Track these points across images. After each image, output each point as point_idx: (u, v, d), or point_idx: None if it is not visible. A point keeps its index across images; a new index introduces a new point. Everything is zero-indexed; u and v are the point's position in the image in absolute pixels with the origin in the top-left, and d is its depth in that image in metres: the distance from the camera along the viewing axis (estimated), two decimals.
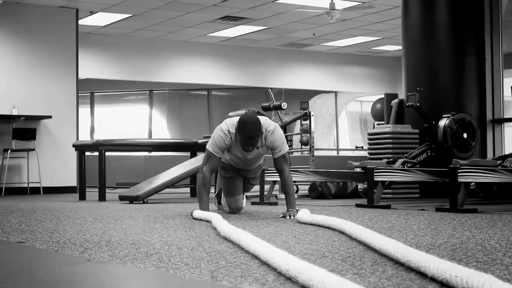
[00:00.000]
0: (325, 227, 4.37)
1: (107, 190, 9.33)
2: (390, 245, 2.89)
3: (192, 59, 16.29)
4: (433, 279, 2.35)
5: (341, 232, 3.98)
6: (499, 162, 6.97)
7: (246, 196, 6.69)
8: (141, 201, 8.05)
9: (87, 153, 9.75)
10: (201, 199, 5.56)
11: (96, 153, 9.31)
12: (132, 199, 8.13)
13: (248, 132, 5.26)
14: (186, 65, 16.23)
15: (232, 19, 13.90)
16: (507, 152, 8.30)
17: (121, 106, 18.54)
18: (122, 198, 8.40)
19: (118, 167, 14.13)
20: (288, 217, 5.28)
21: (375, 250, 3.12)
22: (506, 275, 2.48)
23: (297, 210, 5.31)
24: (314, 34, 15.66)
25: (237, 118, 5.42)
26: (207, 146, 5.56)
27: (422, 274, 2.46)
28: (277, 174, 5.63)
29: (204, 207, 5.50)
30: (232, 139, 5.48)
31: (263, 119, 5.46)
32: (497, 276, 2.41)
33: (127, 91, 17.89)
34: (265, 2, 12.49)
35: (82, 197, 9.36)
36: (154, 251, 3.24)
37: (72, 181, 12.10)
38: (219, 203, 6.55)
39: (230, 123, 5.49)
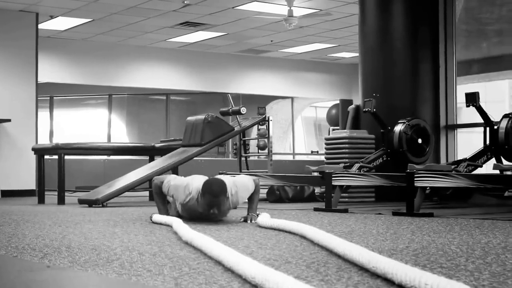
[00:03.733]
0: (286, 231, 4.36)
1: (66, 194, 9.30)
2: (355, 251, 2.86)
3: (152, 64, 16.31)
4: (400, 286, 2.32)
5: (302, 237, 3.97)
6: (453, 166, 7.13)
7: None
8: (101, 205, 8.04)
9: (46, 157, 9.72)
10: (158, 205, 5.58)
11: (56, 157, 9.27)
12: (91, 203, 8.12)
13: (214, 190, 5.04)
14: (145, 70, 16.24)
15: (192, 25, 13.97)
16: (459, 157, 8.49)
17: (81, 110, 18.48)
18: (81, 201, 8.38)
19: (77, 171, 14.10)
20: (248, 221, 5.30)
21: (338, 255, 3.11)
22: (472, 281, 2.48)
23: (257, 215, 5.32)
24: (272, 41, 15.80)
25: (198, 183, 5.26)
26: (165, 183, 5.41)
27: (388, 281, 2.43)
28: None
29: (163, 211, 5.54)
30: (192, 199, 5.29)
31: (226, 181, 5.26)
32: (464, 283, 2.41)
33: (87, 96, 17.85)
34: (224, 8, 12.60)
35: (41, 200, 9.31)
36: (115, 257, 3.19)
37: (31, 185, 12.06)
38: None
39: (196, 190, 5.26)
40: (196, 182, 5.26)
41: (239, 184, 5.35)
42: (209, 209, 5.14)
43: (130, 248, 3.57)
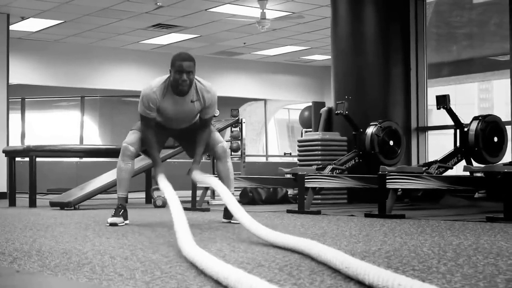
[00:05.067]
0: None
1: (38, 196, 9.20)
2: (329, 253, 2.84)
3: (125, 66, 16.27)
4: None
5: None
6: (424, 168, 7.19)
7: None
8: (73, 208, 7.98)
9: (17, 159, 9.65)
10: (150, 146, 5.46)
11: (27, 159, 9.20)
12: (63, 205, 8.06)
13: (183, 57, 5.28)
14: (118, 72, 16.20)
15: (165, 27, 13.96)
16: (430, 159, 8.56)
17: (53, 112, 18.39)
18: (53, 204, 8.31)
19: (49, 173, 14.01)
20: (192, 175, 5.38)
21: (311, 258, 3.09)
22: (444, 284, 2.48)
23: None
24: (245, 43, 15.83)
25: (163, 76, 5.42)
26: (138, 110, 5.37)
27: (361, 283, 2.43)
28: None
29: (153, 149, 5.44)
30: (161, 94, 5.35)
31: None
32: (436, 285, 2.42)
33: (59, 97, 17.75)
34: (197, 10, 12.60)
35: (12, 203, 9.22)
36: (87, 261, 3.16)
37: (2, 187, 11.97)
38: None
39: (156, 82, 5.37)
40: (152, 83, 5.40)
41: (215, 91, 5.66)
42: (180, 77, 5.27)
43: (101, 251, 3.55)
